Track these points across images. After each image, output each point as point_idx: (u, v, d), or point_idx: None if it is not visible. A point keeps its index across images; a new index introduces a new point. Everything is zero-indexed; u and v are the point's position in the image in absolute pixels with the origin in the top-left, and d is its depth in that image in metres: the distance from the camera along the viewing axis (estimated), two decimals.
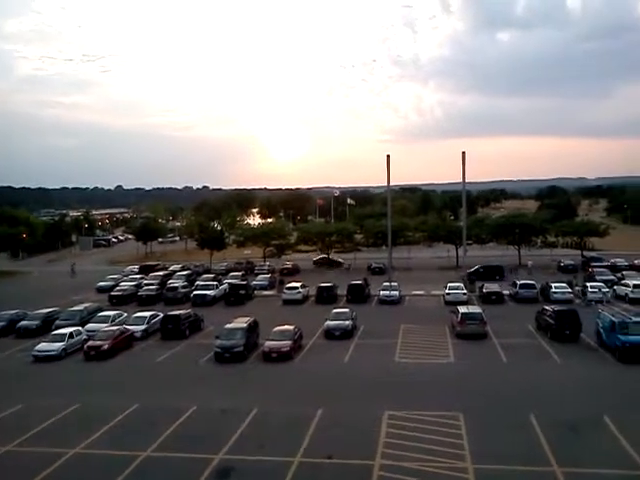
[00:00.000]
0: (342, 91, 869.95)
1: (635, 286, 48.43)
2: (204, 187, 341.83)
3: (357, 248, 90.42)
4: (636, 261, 67.81)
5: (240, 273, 68.03)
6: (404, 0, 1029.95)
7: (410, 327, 40.00)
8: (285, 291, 53.51)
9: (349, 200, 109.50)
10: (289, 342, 33.76)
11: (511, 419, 22.99)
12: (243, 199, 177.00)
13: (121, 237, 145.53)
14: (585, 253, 77.82)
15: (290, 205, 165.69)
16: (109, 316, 42.82)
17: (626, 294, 48.30)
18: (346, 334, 37.91)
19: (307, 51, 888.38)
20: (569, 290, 48.75)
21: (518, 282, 51.06)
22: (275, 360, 32.80)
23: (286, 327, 35.74)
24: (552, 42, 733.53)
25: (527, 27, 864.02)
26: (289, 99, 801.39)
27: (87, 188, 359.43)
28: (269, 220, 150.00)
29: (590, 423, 22.30)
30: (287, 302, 52.00)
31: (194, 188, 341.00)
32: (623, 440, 20.52)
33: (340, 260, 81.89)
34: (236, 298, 52.85)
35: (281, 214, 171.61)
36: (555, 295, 47.78)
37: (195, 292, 54.32)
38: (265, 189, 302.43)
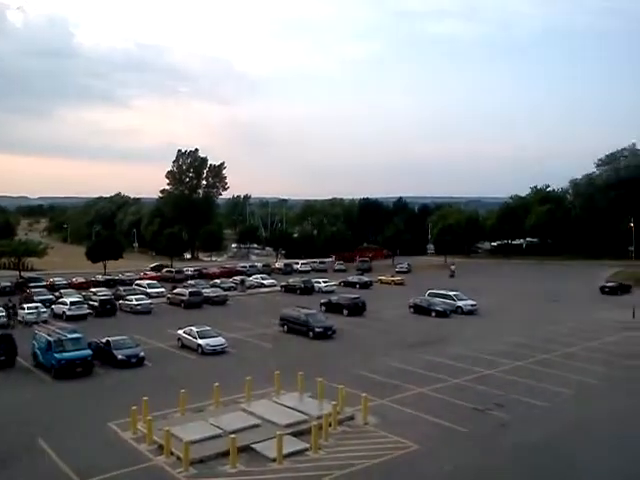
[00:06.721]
0: None
1: (72, 303, 49.91)
2: None
3: None
4: (74, 279, 70.09)
5: None
6: None
7: None
8: None
9: None
10: None
11: None
12: None
13: None
14: (23, 274, 76.02)
15: None
16: None
17: (63, 312, 49.15)
18: None
19: None
20: (4, 314, 46.45)
21: None
22: None
23: None
24: None
25: None
26: None
27: None
28: None
29: (23, 449, 21.49)
30: None
31: None
32: (59, 461, 20.38)
33: None
34: None
35: None
36: None
37: None
38: None
